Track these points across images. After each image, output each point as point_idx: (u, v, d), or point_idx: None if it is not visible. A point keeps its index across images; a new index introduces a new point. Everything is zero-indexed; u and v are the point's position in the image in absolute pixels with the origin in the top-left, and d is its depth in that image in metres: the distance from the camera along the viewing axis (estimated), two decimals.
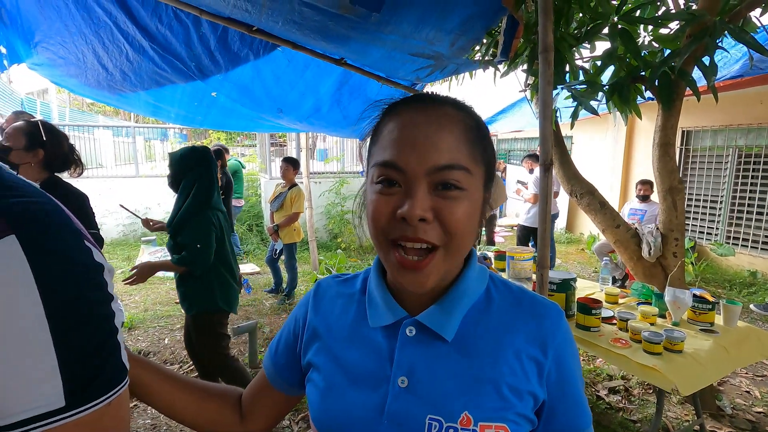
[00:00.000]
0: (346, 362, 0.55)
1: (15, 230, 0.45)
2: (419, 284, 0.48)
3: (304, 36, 2.09)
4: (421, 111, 0.48)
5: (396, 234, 0.47)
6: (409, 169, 0.46)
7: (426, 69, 2.35)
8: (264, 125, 4.10)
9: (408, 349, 0.52)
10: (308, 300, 0.63)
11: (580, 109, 2.41)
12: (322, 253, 5.79)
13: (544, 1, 1.43)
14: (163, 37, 2.46)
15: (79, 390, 0.47)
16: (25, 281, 0.44)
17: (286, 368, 0.63)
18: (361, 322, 0.56)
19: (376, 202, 0.48)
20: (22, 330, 0.45)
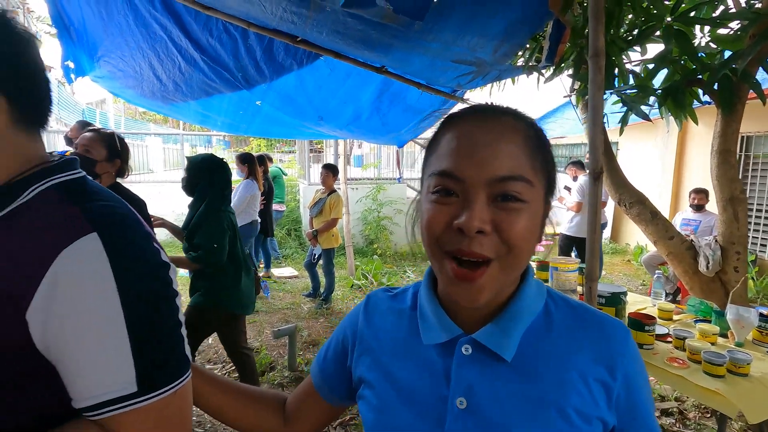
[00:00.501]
0: (399, 380, 0.53)
1: (97, 229, 0.50)
2: (472, 298, 0.46)
3: (347, 45, 2.13)
4: (480, 121, 0.47)
5: (451, 246, 0.45)
6: (467, 179, 0.45)
7: (467, 75, 2.32)
8: (304, 132, 4.20)
9: (465, 369, 0.50)
10: (358, 312, 0.62)
11: (630, 115, 2.31)
12: (358, 259, 5.83)
13: (595, 5, 1.38)
14: (213, 49, 2.57)
15: (148, 378, 0.51)
16: (105, 275, 0.49)
17: (334, 378, 0.63)
18: (414, 339, 0.55)
19: (432, 212, 0.47)
20: (102, 319, 0.49)
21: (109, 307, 0.49)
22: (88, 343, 0.49)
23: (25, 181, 0.54)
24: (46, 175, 0.56)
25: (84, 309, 0.49)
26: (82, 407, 0.50)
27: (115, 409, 0.49)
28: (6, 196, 0.53)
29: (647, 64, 2.35)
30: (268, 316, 3.94)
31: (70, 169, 0.59)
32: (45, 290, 0.48)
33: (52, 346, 0.49)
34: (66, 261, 0.48)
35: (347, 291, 4.67)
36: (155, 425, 0.52)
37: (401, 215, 6.69)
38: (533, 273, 0.55)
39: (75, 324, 0.48)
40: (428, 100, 2.83)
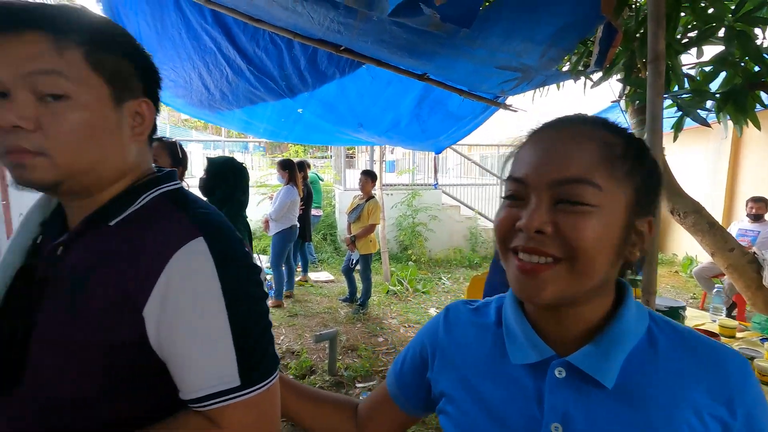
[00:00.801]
0: (487, 399, 0.52)
1: (203, 234, 0.55)
2: (533, 292, 0.46)
3: (391, 53, 2.14)
4: (555, 129, 0.49)
5: (514, 244, 0.47)
6: (529, 182, 0.47)
7: (512, 81, 2.29)
8: (342, 139, 4.25)
9: (560, 393, 0.48)
10: (438, 324, 0.62)
11: (684, 120, 2.21)
12: (393, 265, 5.83)
13: (655, 8, 1.33)
14: (259, 59, 2.65)
15: (248, 373, 0.54)
16: (211, 276, 0.53)
17: (411, 389, 0.63)
18: (500, 357, 0.54)
19: (500, 215, 0.49)
20: (209, 317, 0.53)
21: (215, 306, 0.53)
22: (197, 339, 0.52)
23: (140, 189, 0.60)
24: (156, 184, 0.61)
25: (193, 307, 0.53)
26: (189, 399, 0.54)
27: (221, 401, 0.53)
28: (125, 202, 0.58)
29: (703, 66, 2.24)
30: (307, 320, 4.00)
31: (172, 179, 0.64)
32: (160, 290, 0.52)
33: (164, 341, 0.53)
34: (178, 263, 0.53)
35: (383, 297, 4.68)
36: (255, 418, 0.55)
37: (436, 221, 6.65)
38: (632, 294, 0.51)
39: (185, 321, 0.52)
40: (470, 107, 2.81)
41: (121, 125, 0.58)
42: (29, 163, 0.52)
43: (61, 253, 0.57)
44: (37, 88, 0.51)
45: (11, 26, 0.51)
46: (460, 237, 7.00)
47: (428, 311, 4.31)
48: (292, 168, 4.32)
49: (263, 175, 7.29)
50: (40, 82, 0.51)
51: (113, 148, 0.57)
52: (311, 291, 4.87)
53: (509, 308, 0.55)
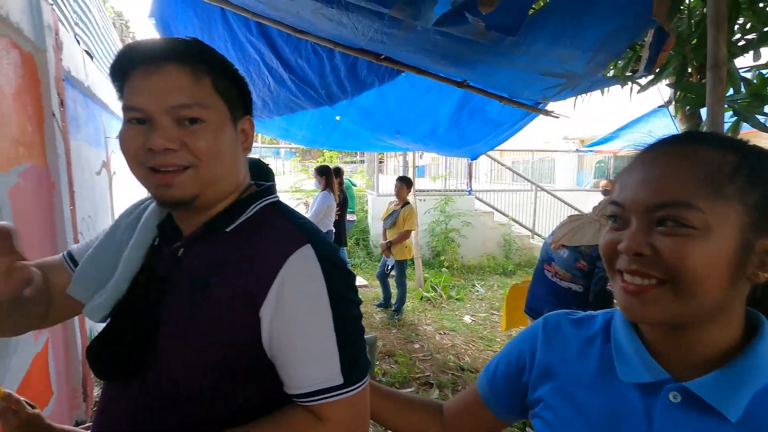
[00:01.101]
0: (588, 410, 0.53)
1: (310, 241, 0.60)
2: (638, 312, 0.47)
3: (433, 62, 2.16)
4: (659, 150, 0.49)
5: (619, 265, 0.48)
6: (627, 206, 0.48)
7: (555, 88, 2.25)
8: (377, 145, 4.29)
9: (672, 417, 0.47)
10: (536, 334, 0.63)
11: (740, 125, 2.11)
12: (426, 271, 5.81)
13: (716, 12, 1.29)
14: (300, 69, 2.72)
15: (349, 372, 0.58)
16: (319, 279, 0.58)
17: (505, 394, 0.65)
18: (606, 372, 0.54)
19: (605, 237, 0.50)
20: (316, 317, 0.57)
21: (322, 308, 0.58)
22: (306, 338, 0.57)
23: (248, 200, 0.66)
24: (261, 196, 0.68)
25: (304, 308, 0.57)
26: (295, 394, 0.58)
27: (327, 397, 0.57)
28: (237, 211, 0.65)
29: (759, 69, 2.13)
30: None
31: (273, 193, 0.71)
32: (275, 291, 0.57)
33: (275, 340, 0.58)
34: (292, 266, 0.58)
35: (417, 303, 4.66)
36: (354, 416, 0.59)
37: (469, 228, 6.59)
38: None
39: (296, 321, 0.57)
40: (509, 113, 2.78)
41: (237, 142, 0.65)
42: (176, 181, 0.58)
43: (181, 255, 0.63)
44: (178, 115, 0.58)
45: (155, 60, 0.58)
46: (493, 243, 6.90)
47: (463, 318, 4.26)
48: (329, 174, 4.40)
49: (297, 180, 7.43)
50: (182, 111, 0.58)
51: (234, 162, 0.65)
52: None
53: (620, 325, 0.55)
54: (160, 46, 0.59)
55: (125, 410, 0.60)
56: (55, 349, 1.51)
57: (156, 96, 0.57)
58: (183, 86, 0.58)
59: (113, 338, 0.62)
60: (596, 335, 0.58)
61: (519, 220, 7.18)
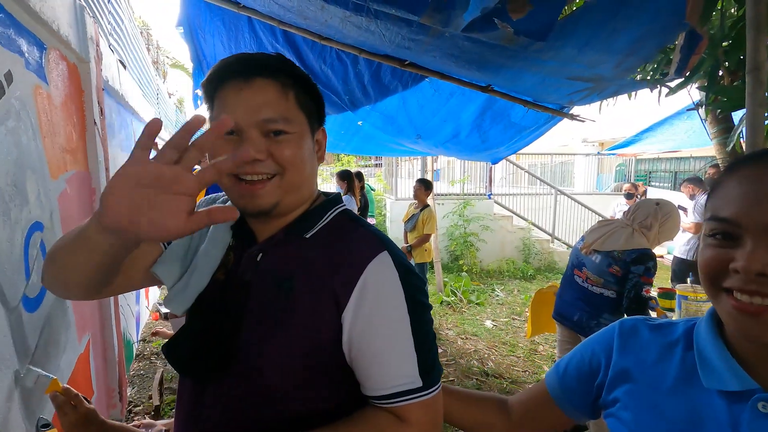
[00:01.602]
0: (667, 414, 0.53)
1: (386, 248, 0.62)
2: (759, 333, 0.45)
3: (458, 67, 2.16)
4: (762, 170, 0.47)
5: (729, 284, 0.46)
6: (744, 224, 0.46)
7: (582, 92, 2.24)
8: (397, 150, 4.31)
9: (760, 427, 0.47)
10: (612, 336, 0.64)
11: None
12: (445, 275, 5.79)
13: (755, 13, 1.27)
14: (325, 75, 2.76)
15: (427, 374, 0.60)
16: (396, 285, 0.60)
17: (575, 393, 0.66)
18: (688, 378, 0.54)
19: (705, 254, 0.48)
20: (395, 321, 0.59)
21: (401, 312, 0.59)
22: (386, 341, 0.59)
23: (323, 207, 0.69)
24: (333, 204, 0.71)
25: (383, 312, 0.59)
26: (376, 395, 0.60)
27: (406, 399, 0.58)
28: (315, 218, 0.67)
29: None
30: None
31: (342, 200, 0.74)
32: (357, 294, 0.59)
33: (355, 342, 0.59)
34: (372, 272, 0.60)
35: (437, 307, 4.65)
36: (432, 417, 0.61)
37: (488, 231, 6.54)
38: None
39: (376, 323, 0.59)
40: (533, 117, 2.77)
41: (313, 151, 0.68)
42: (261, 191, 0.61)
43: (261, 259, 0.66)
44: (265, 128, 0.61)
45: (246, 75, 0.61)
46: (512, 248, 6.84)
47: (484, 323, 4.23)
48: (350, 178, 4.43)
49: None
50: (270, 125, 0.61)
51: (312, 171, 0.68)
52: None
53: (705, 333, 0.55)
54: (251, 61, 0.62)
55: (214, 407, 0.62)
56: (95, 351, 1.56)
57: (246, 110, 0.60)
58: (271, 101, 0.61)
59: (199, 337, 0.64)
60: (677, 342, 0.58)
61: (538, 224, 7.10)
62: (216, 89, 0.63)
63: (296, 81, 0.64)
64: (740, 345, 0.52)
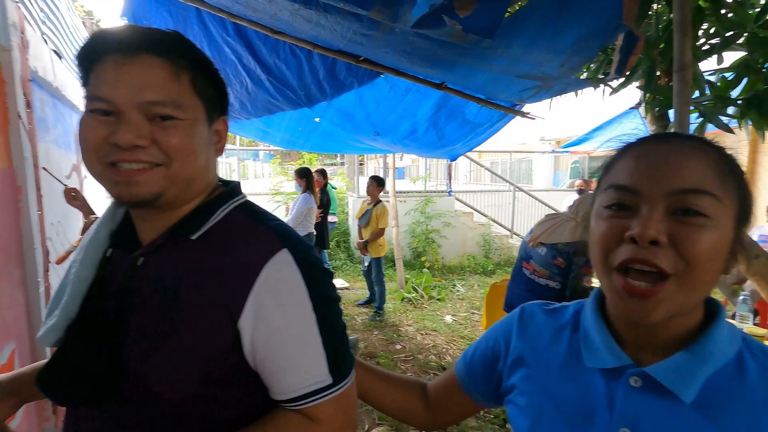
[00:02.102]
0: (557, 396, 0.54)
1: (286, 245, 0.58)
2: (645, 313, 0.45)
3: (411, 63, 2.17)
4: (661, 143, 0.48)
5: (621, 257, 0.45)
6: (643, 191, 0.45)
7: (531, 90, 2.30)
8: (357, 147, 4.29)
9: (633, 401, 0.49)
10: (512, 323, 0.65)
11: (706, 126, 2.19)
12: (407, 272, 5.83)
13: (681, 17, 1.34)
14: (279, 70, 2.70)
15: (337, 370, 0.58)
16: (298, 284, 0.56)
17: (480, 380, 0.67)
18: (575, 359, 0.55)
19: (604, 225, 0.47)
20: (300, 322, 0.56)
21: (305, 311, 0.56)
22: (292, 344, 0.56)
23: (215, 203, 0.62)
24: (227, 198, 0.64)
25: (287, 315, 0.55)
26: (285, 399, 0.57)
27: (317, 399, 0.56)
28: (204, 217, 0.61)
29: (725, 73, 2.23)
30: None
31: (240, 193, 0.67)
32: (253, 301, 0.54)
33: (259, 349, 0.55)
34: (268, 274, 0.55)
35: (398, 304, 4.67)
36: (344, 411, 0.59)
37: (449, 228, 6.64)
38: (724, 313, 0.51)
39: (280, 328, 0.55)
40: (487, 115, 2.82)
41: (211, 142, 0.62)
42: (139, 178, 0.54)
43: (141, 264, 0.59)
44: (150, 112, 0.54)
45: (131, 49, 0.53)
46: (473, 244, 6.98)
47: (444, 318, 4.29)
48: (309, 176, 4.38)
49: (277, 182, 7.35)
50: (155, 108, 0.54)
51: (207, 163, 0.61)
52: None
53: (589, 313, 0.56)
54: (138, 34, 0.54)
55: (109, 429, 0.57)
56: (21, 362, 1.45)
57: (128, 88, 0.52)
58: (159, 82, 0.54)
59: (71, 361, 0.57)
60: (567, 324, 0.59)
61: (498, 220, 7.29)
62: (94, 61, 0.54)
63: (194, 64, 0.58)
64: (618, 323, 0.53)
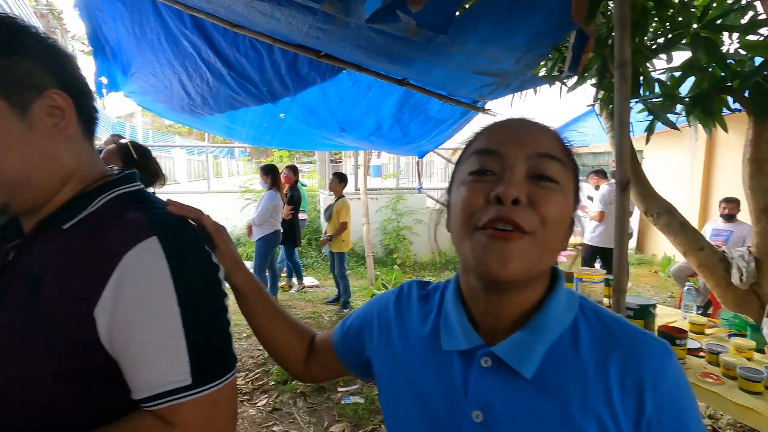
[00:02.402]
0: (416, 381, 0.54)
1: (157, 233, 0.54)
2: (504, 263, 0.44)
3: (369, 58, 2.17)
4: (515, 120, 0.52)
5: (487, 217, 0.45)
6: (507, 154, 0.48)
7: (489, 86, 2.33)
8: (325, 144, 4.27)
9: (484, 382, 0.49)
10: (389, 300, 0.64)
11: (656, 124, 2.28)
12: (378, 269, 5.84)
13: (621, 14, 1.38)
14: (239, 64, 2.65)
15: (201, 371, 0.54)
16: (163, 275, 0.52)
17: (349, 348, 0.67)
18: (435, 343, 0.55)
19: (469, 189, 0.48)
20: (160, 316, 0.52)
21: (168, 304, 0.52)
22: (148, 338, 0.52)
23: (94, 192, 0.58)
24: (112, 186, 0.60)
25: (146, 307, 0.52)
26: (140, 398, 0.53)
27: (172, 400, 0.52)
28: (78, 206, 0.57)
29: (673, 72, 2.32)
30: None
31: (132, 181, 0.63)
32: (111, 289, 0.51)
33: (116, 341, 0.52)
34: (129, 262, 0.51)
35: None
36: (207, 416, 0.54)
37: (421, 225, 6.69)
38: (563, 282, 0.52)
39: (137, 320, 0.51)
40: (449, 111, 2.85)
41: (37, 129, 0.53)
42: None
43: (12, 258, 0.56)
44: None
45: None
46: (444, 240, 6.99)
47: None
48: (275, 173, 4.34)
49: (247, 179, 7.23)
50: None
51: (39, 155, 0.54)
52: (295, 297, 4.84)
53: (449, 296, 0.56)
54: None
55: None
56: None
57: None
58: None
59: None
60: (432, 309, 0.59)
61: None
62: None
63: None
64: (472, 303, 0.53)
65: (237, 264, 0.68)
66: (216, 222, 0.66)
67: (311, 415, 2.57)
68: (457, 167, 0.54)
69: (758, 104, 1.97)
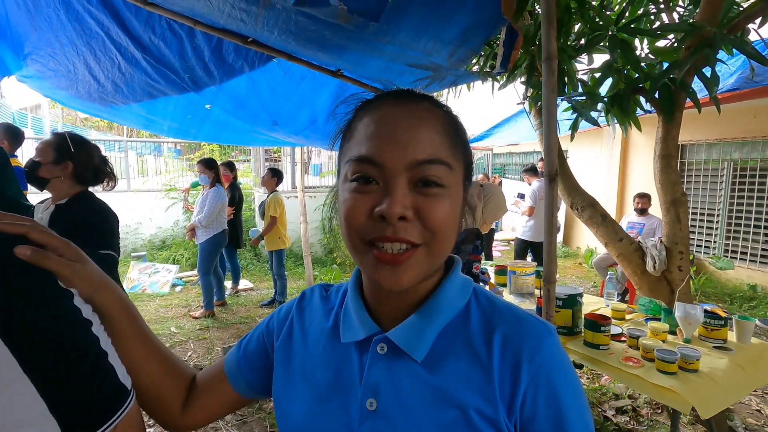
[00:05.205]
0: (316, 380, 0.51)
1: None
2: (396, 280, 0.43)
3: (300, 46, 2.06)
4: (398, 106, 0.46)
5: (374, 234, 0.43)
6: (387, 164, 0.43)
7: (424, 80, 2.31)
8: (258, 139, 4.05)
9: (377, 369, 0.48)
10: (291, 307, 0.60)
11: (580, 121, 2.39)
12: (317, 269, 5.70)
13: (547, 9, 1.40)
14: (156, 48, 2.41)
15: (75, 425, 0.42)
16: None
17: (251, 370, 0.59)
18: (336, 335, 0.53)
19: (351, 201, 0.44)
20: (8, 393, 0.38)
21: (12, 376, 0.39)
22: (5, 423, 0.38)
23: None
24: None
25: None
26: None
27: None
28: None
29: (594, 72, 2.44)
30: (220, 333, 3.73)
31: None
32: None
33: None
34: None
35: None
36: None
37: None
38: (459, 269, 0.53)
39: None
40: None
41: None
42: None
43: None
44: None
45: None
46: None
47: None
48: (217, 167, 4.02)
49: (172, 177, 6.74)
50: None
51: None
52: (228, 300, 4.57)
53: (350, 291, 0.54)
54: None
55: None
56: None
57: None
58: None
59: None
60: (334, 306, 0.57)
61: None
62: None
63: None
64: (370, 294, 0.52)
65: (101, 284, 0.51)
66: (53, 234, 0.48)
67: (240, 428, 2.40)
68: (341, 154, 0.49)
69: (666, 104, 2.12)
